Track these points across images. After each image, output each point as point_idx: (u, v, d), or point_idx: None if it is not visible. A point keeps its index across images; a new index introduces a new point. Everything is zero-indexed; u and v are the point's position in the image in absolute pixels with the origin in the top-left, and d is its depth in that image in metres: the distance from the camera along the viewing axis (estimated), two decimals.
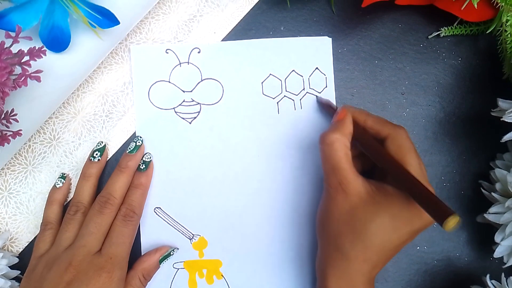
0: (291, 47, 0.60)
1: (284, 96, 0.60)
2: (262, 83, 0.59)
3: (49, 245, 0.54)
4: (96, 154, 0.57)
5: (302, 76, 0.60)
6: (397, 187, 0.48)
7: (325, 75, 0.60)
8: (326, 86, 0.60)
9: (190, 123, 0.59)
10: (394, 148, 0.49)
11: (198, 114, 0.59)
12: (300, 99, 0.60)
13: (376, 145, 0.50)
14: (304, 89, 0.60)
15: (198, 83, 0.59)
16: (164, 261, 0.56)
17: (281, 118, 0.60)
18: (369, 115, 0.53)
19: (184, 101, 0.59)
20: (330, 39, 0.60)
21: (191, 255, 0.58)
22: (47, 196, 0.57)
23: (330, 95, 0.60)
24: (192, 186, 0.59)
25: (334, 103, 0.60)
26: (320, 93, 0.60)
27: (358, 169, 0.51)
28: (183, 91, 0.59)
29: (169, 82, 0.59)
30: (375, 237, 0.47)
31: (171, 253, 0.57)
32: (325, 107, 0.58)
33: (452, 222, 0.41)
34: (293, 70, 0.60)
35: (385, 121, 0.52)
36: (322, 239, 0.51)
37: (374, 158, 0.50)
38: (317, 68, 0.60)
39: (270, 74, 0.59)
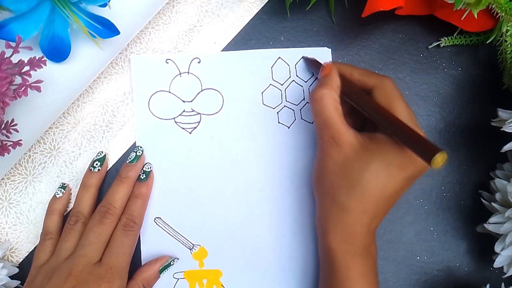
0: (291, 57, 0.60)
1: (284, 106, 0.60)
2: (262, 93, 0.60)
3: (49, 255, 0.53)
4: (96, 164, 0.56)
5: (302, 86, 0.60)
6: (388, 135, 0.48)
7: None
8: None
9: (190, 133, 0.59)
10: (382, 97, 0.49)
11: (198, 124, 0.59)
12: (300, 109, 0.60)
13: (364, 96, 0.50)
14: (304, 99, 0.60)
15: (198, 93, 0.59)
16: (164, 271, 0.56)
17: (281, 128, 0.60)
18: (355, 67, 0.53)
19: (184, 111, 0.59)
20: (330, 49, 0.60)
21: (191, 265, 0.58)
22: (47, 205, 0.57)
23: None
24: (192, 196, 0.59)
25: None
26: None
27: (349, 125, 0.51)
28: (183, 101, 0.59)
29: (169, 92, 0.59)
30: (370, 186, 0.47)
31: (171, 263, 0.57)
32: (312, 65, 0.58)
33: (440, 159, 0.41)
34: (293, 80, 0.60)
35: (371, 72, 0.52)
36: (319, 195, 0.51)
37: (363, 109, 0.50)
38: (317, 78, 0.60)
39: (270, 84, 0.60)
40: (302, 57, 0.60)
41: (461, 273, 0.60)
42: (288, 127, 0.60)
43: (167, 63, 0.59)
